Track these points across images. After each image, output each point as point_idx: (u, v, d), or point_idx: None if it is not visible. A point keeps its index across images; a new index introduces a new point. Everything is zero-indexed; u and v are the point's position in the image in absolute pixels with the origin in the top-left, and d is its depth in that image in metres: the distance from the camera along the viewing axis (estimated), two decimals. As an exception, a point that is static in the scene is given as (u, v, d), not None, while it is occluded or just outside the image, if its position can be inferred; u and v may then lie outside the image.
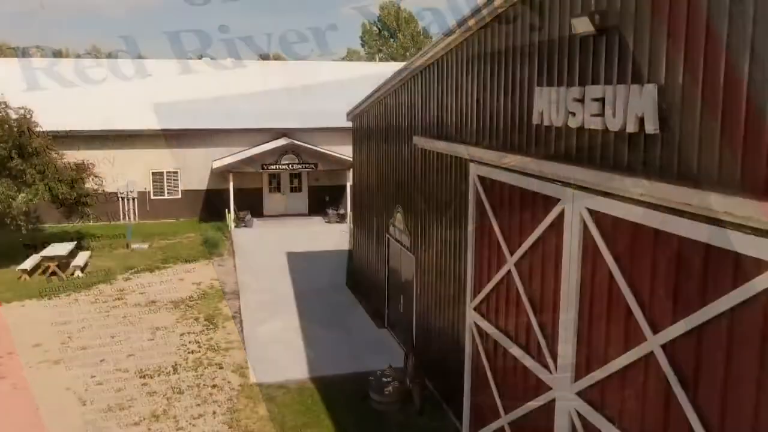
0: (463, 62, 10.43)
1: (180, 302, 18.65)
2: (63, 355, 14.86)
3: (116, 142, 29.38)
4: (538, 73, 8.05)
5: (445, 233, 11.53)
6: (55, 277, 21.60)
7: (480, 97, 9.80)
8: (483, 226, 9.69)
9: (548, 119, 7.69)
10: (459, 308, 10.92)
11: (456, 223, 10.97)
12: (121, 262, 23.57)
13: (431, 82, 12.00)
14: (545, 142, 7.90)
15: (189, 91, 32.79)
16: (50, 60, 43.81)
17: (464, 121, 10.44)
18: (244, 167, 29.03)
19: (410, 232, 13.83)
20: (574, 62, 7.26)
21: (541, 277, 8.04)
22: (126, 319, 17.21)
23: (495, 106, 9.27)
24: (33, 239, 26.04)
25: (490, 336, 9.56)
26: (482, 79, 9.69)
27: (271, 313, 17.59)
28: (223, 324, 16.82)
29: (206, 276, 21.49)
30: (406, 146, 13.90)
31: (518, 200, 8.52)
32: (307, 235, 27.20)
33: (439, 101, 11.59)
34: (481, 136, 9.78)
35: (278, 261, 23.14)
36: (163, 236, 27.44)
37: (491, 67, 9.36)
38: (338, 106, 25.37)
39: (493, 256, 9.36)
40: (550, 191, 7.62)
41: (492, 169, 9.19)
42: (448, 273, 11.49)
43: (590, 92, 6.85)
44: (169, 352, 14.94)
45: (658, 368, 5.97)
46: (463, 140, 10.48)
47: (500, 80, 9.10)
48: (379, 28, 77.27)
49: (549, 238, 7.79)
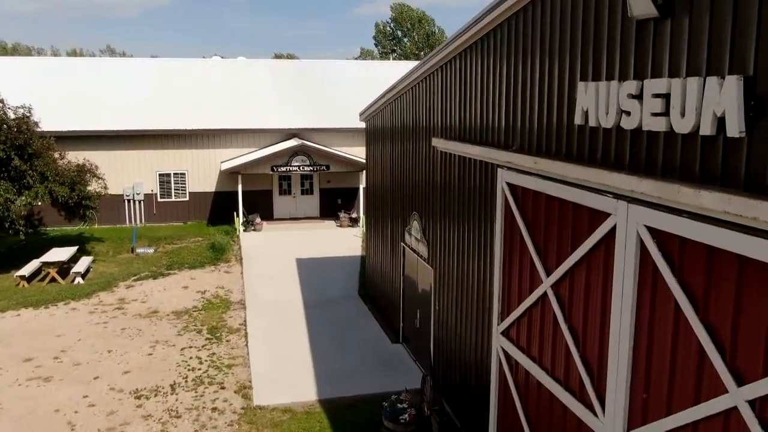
0: (490, 54, 9.28)
1: (183, 312, 17.64)
2: (55, 371, 13.88)
3: (122, 142, 28.49)
4: (581, 65, 6.90)
5: (468, 245, 10.40)
6: (55, 284, 20.73)
7: (510, 93, 8.66)
8: (513, 240, 8.55)
9: (595, 119, 6.54)
10: (484, 330, 9.79)
11: (481, 234, 9.84)
12: (125, 268, 22.66)
13: (453, 77, 10.87)
14: (591, 146, 6.75)
15: (197, 89, 31.92)
16: (56, 59, 43.14)
17: (491, 121, 9.30)
18: (254, 169, 28.01)
19: (428, 242, 12.71)
20: (629, 51, 6.10)
21: (585, 303, 6.89)
22: (125, 332, 16.21)
23: (529, 104, 8.13)
24: (34, 243, 25.28)
25: (521, 365, 8.42)
26: (513, 73, 8.55)
27: (278, 325, 16.54)
28: (227, 337, 15.78)
29: (212, 283, 20.49)
30: (423, 148, 12.78)
31: (557, 212, 7.37)
32: (318, 240, 26.15)
33: (462, 99, 10.46)
34: (512, 138, 8.64)
35: (287, 267, 22.10)
36: (170, 240, 26.51)
37: (524, 59, 8.22)
38: (351, 106, 24.34)
39: (525, 275, 8.22)
40: (598, 203, 6.48)
41: (524, 176, 8.04)
42: (471, 290, 10.36)
43: (651, 87, 5.70)
44: (168, 369, 13.91)
45: (743, 428, 4.81)
46: (489, 142, 9.35)
47: (535, 74, 7.96)
48: (392, 28, 76.22)
49: (596, 258, 6.64)
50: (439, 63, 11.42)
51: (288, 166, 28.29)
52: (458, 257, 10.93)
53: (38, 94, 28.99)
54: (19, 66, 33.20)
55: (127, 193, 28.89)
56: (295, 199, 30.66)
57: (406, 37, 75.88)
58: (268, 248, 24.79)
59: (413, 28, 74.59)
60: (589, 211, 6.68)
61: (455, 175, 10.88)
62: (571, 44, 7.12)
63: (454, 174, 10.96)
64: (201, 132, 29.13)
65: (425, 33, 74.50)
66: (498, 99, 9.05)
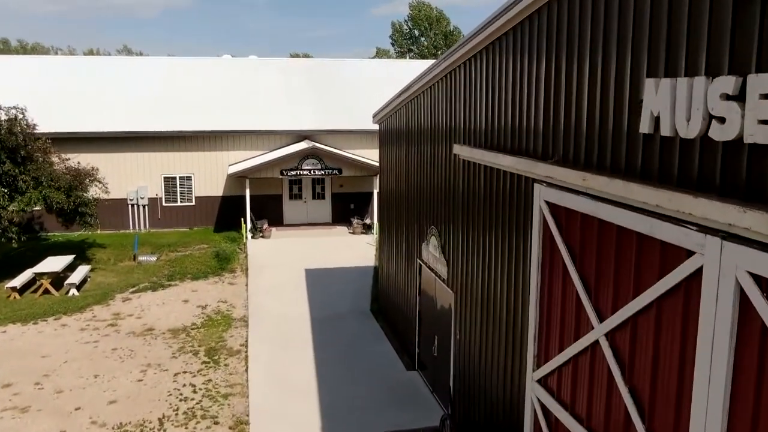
0: (526, 45, 7.78)
1: (180, 331, 16.29)
2: (34, 399, 12.57)
3: (126, 144, 27.28)
4: (651, 55, 5.40)
5: (496, 271, 8.91)
6: (48, 296, 19.50)
7: (551, 92, 7.16)
8: (553, 271, 7.06)
9: (669, 126, 5.04)
10: (515, 372, 8.30)
11: (511, 259, 8.35)
12: (124, 278, 21.40)
13: (479, 74, 9.38)
14: (663, 161, 5.25)
15: (206, 90, 30.68)
16: (58, 58, 42.11)
17: (526, 125, 7.81)
18: (262, 173, 26.65)
19: (448, 262, 11.23)
20: (722, 34, 4.60)
21: (653, 361, 5.39)
22: (115, 353, 14.88)
23: (575, 106, 6.63)
24: (33, 250, 24.13)
25: (562, 423, 6.92)
26: (556, 67, 7.05)
27: (282, 347, 15.13)
28: (225, 360, 14.39)
29: (214, 297, 19.14)
30: (443, 155, 11.31)
31: (614, 243, 5.87)
32: (328, 248, 24.74)
33: (490, 100, 8.97)
34: (552, 147, 7.14)
35: (296, 279, 20.71)
36: (174, 247, 25.24)
37: (570, 49, 6.71)
38: (365, 106, 22.93)
39: (569, 315, 6.73)
40: (675, 237, 4.97)
41: (569, 195, 6.55)
42: (499, 323, 8.87)
43: (759, 84, 4.20)
44: (157, 399, 12.54)
45: None
46: (524, 152, 7.86)
47: (584, 67, 6.46)
48: (409, 27, 74.79)
49: (671, 307, 5.14)
50: (462, 58, 9.93)
51: (298, 170, 26.91)
52: (483, 283, 9.44)
53: (39, 94, 27.93)
54: (20, 65, 32.10)
55: (131, 198, 27.68)
56: (306, 204, 29.29)
57: (423, 37, 74.39)
58: (275, 257, 23.42)
59: (431, 28, 73.08)
60: (662, 245, 5.17)
61: (480, 188, 9.39)
62: (635, 26, 5.60)
63: (478, 187, 9.47)
64: (208, 134, 27.85)
65: (443, 32, 72.99)
66: (535, 99, 7.55)
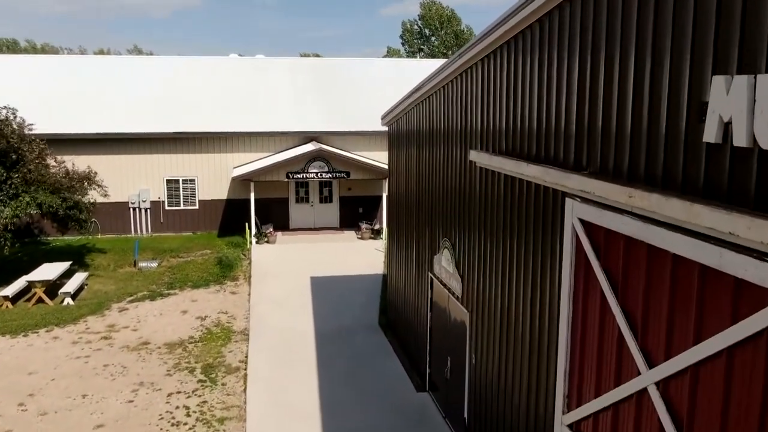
0: (555, 38, 6.78)
1: (176, 345, 15.39)
2: (15, 423, 11.69)
3: (128, 146, 26.47)
4: (717, 45, 4.40)
5: (518, 295, 7.91)
6: (42, 305, 18.66)
7: (586, 90, 6.16)
8: (589, 300, 6.06)
9: (745, 135, 4.03)
10: (540, 412, 7.30)
11: (537, 283, 7.35)
12: (122, 286, 20.56)
13: (499, 73, 8.39)
14: (736, 178, 4.25)
15: (211, 90, 29.85)
16: (59, 57, 41.42)
17: (555, 130, 6.81)
18: (267, 176, 25.74)
19: (462, 278, 10.24)
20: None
21: (721, 422, 4.39)
22: (107, 369, 14.00)
23: (617, 107, 5.63)
24: (32, 255, 23.38)
25: (600, 478, 5.93)
26: (592, 61, 6.04)
27: (284, 364, 14.20)
28: (223, 379, 13.47)
29: (214, 307, 18.23)
30: (458, 162, 10.32)
31: (669, 275, 4.87)
32: (336, 254, 23.80)
33: (512, 101, 7.97)
34: (588, 156, 6.15)
35: (300, 287, 19.78)
36: (176, 253, 24.37)
37: (612, 40, 5.71)
38: (374, 107, 21.99)
39: (610, 354, 5.73)
40: (757, 275, 3.97)
41: (610, 214, 5.55)
42: (521, 353, 7.87)
43: None
44: (148, 423, 11.63)
45: None
46: (552, 160, 6.86)
47: (627, 61, 5.46)
48: (419, 26, 73.81)
49: (748, 359, 4.14)
50: (480, 54, 8.94)
51: (304, 173, 25.97)
52: (503, 306, 8.44)
53: (38, 94, 27.21)
54: (19, 65, 31.32)
55: (133, 201, 26.86)
56: (313, 208, 28.36)
57: (433, 36, 73.38)
58: (280, 264, 22.50)
59: (441, 27, 72.05)
60: (736, 282, 4.17)
61: (500, 200, 8.40)
62: (697, 8, 4.60)
63: (498, 198, 8.48)
64: (212, 135, 26.98)
65: (454, 31, 71.96)
66: (566, 99, 6.55)
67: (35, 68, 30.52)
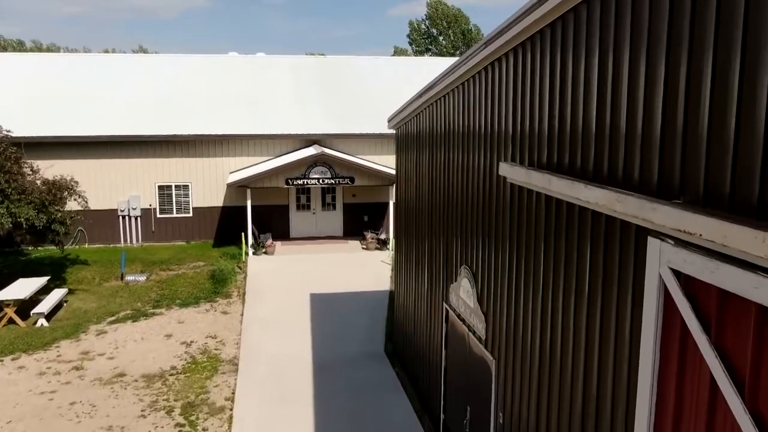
0: (627, 10, 4.89)
1: (156, 377, 13.59)
2: (-44, 480, 9.93)
3: (116, 149, 24.73)
4: None
5: (566, 351, 6.04)
6: (13, 326, 16.91)
7: (680, 87, 4.29)
8: (686, 380, 4.21)
9: None
10: None
11: (594, 338, 5.48)
12: (105, 303, 18.80)
13: (540, 63, 6.51)
14: None
15: (208, 90, 28.11)
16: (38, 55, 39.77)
17: (627, 144, 4.93)
18: (265, 182, 23.92)
19: (486, 317, 8.39)
20: None
21: None
22: (73, 409, 12.21)
23: (727, 112, 3.76)
24: (12, 266, 21.68)
25: None
26: (673, 54, 4.16)
27: (276, 401, 12.38)
28: (204, 422, 11.65)
29: (202, 330, 16.43)
30: (481, 174, 8.47)
31: None
32: (339, 267, 21.99)
33: (558, 101, 6.10)
34: (682, 179, 4.28)
35: (298, 306, 17.98)
36: (166, 265, 22.61)
37: (706, 23, 3.84)
38: (381, 108, 20.20)
39: (723, 473, 3.87)
40: None
41: (726, 268, 3.69)
42: (570, 421, 6.00)
43: None
44: (111, 483, 9.84)
45: None
46: (620, 181, 4.99)
47: (733, 48, 3.59)
48: (427, 26, 72.09)
49: None
50: (512, 42, 7.08)
51: (305, 179, 24.14)
52: (543, 360, 6.57)
53: (16, 95, 25.52)
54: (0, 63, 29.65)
55: (122, 208, 25.12)
56: (315, 216, 26.56)
57: (441, 36, 71.67)
58: (278, 278, 20.69)
59: (449, 27, 70.36)
60: None
61: (541, 228, 6.54)
62: None
63: (538, 225, 6.61)
64: (208, 138, 25.22)
65: (461, 31, 70.27)
66: (645, 97, 4.68)
67: (18, 67, 28.83)
